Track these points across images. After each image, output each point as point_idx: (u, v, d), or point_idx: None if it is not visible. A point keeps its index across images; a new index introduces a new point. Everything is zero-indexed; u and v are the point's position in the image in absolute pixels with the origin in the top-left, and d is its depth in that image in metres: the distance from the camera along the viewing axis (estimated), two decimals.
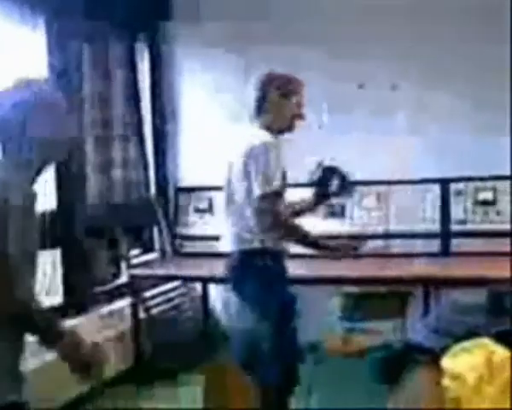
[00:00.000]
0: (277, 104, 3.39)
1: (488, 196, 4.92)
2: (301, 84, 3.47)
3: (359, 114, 5.07)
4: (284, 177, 3.35)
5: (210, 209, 5.36)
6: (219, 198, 3.77)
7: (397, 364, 2.44)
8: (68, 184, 4.51)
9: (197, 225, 5.41)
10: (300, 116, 3.44)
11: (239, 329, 3.65)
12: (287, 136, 3.46)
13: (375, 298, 4.08)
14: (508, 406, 1.91)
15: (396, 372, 2.36)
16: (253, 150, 3.24)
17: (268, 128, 3.36)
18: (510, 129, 4.71)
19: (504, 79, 4.69)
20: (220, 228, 3.55)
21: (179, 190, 5.54)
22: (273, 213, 3.23)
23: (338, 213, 5.13)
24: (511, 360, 1.99)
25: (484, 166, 4.74)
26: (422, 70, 4.94)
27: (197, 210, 5.42)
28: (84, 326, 4.08)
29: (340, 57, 4.98)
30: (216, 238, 3.80)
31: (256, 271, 3.33)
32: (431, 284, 4.51)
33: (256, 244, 3.30)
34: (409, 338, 2.65)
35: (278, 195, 3.25)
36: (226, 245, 3.44)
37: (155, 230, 5.51)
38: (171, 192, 5.59)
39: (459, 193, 4.98)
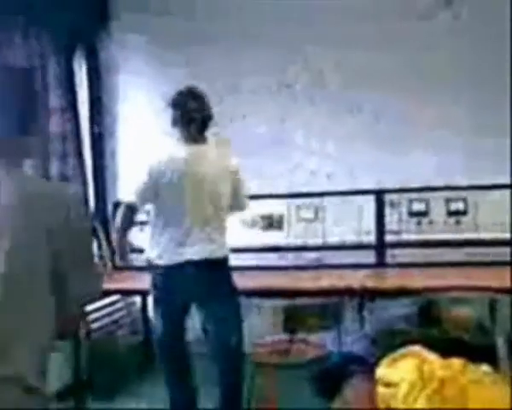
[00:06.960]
0: None
1: (421, 207, 5.09)
2: None
3: None
4: None
5: None
6: None
7: (336, 376, 2.48)
8: None
9: (138, 238, 5.36)
10: None
11: None
12: None
13: (309, 309, 4.08)
14: None
15: (335, 384, 2.40)
16: None
17: None
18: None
19: None
20: None
21: (118, 204, 5.49)
22: None
23: (277, 225, 5.19)
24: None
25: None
26: None
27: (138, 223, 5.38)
28: None
29: None
30: None
31: None
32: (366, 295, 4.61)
33: None
34: (348, 350, 2.70)
35: None
36: None
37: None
38: (109, 208, 5.56)
39: (393, 204, 5.12)
